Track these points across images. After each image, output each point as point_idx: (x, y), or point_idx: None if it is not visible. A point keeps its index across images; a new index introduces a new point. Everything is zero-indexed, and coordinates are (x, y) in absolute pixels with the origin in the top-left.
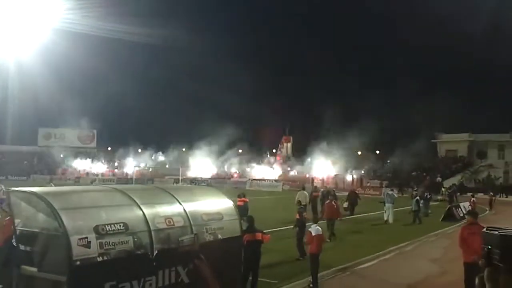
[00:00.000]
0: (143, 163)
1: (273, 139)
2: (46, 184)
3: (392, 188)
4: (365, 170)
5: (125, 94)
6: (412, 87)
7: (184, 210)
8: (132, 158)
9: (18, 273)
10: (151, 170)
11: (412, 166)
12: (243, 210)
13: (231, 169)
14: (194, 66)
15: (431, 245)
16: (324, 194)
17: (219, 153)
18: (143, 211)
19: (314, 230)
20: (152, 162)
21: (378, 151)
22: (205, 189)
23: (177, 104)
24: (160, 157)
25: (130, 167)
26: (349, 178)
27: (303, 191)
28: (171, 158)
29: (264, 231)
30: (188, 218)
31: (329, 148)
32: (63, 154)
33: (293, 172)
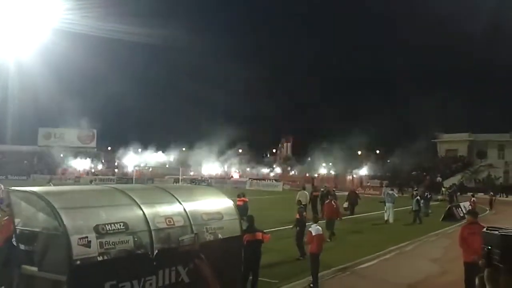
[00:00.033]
0: (143, 163)
1: (273, 139)
2: (46, 184)
3: (393, 188)
4: (365, 170)
5: (125, 94)
6: (412, 87)
7: (184, 210)
8: (132, 158)
9: (19, 273)
10: (151, 170)
11: (412, 166)
12: (243, 210)
13: (231, 169)
14: (194, 66)
15: (432, 245)
16: (324, 194)
17: (219, 153)
18: (143, 211)
19: (314, 230)
20: (152, 162)
21: (378, 151)
22: (205, 189)
23: (177, 104)
24: (160, 157)
25: (130, 167)
26: (349, 178)
27: (304, 191)
28: (171, 158)
29: (264, 231)
30: (188, 218)
31: (329, 148)
32: (63, 154)
33: (293, 172)
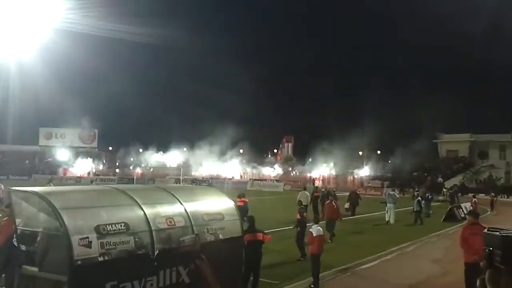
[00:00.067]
0: (144, 163)
1: (274, 139)
2: (46, 184)
3: (394, 189)
4: (366, 170)
5: (126, 94)
6: (413, 87)
7: (185, 210)
8: (133, 158)
9: (19, 273)
10: (152, 170)
11: (413, 167)
12: (243, 211)
13: (232, 169)
14: (195, 66)
15: (433, 246)
16: (324, 195)
17: (220, 153)
18: (144, 211)
19: (315, 231)
20: (153, 162)
21: (379, 152)
22: (206, 189)
23: (178, 104)
24: (161, 157)
25: (131, 167)
26: (350, 178)
27: (305, 191)
28: (172, 158)
29: (265, 231)
30: (189, 218)
31: (330, 148)
32: (64, 154)
33: (294, 172)
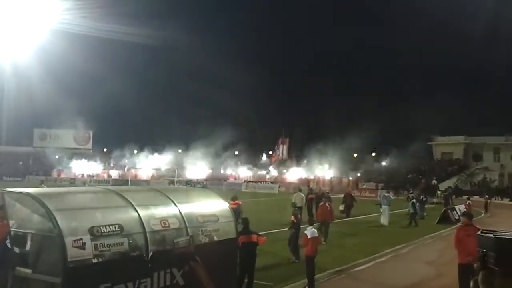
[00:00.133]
0: (139, 164)
1: (270, 141)
2: (38, 186)
3: (389, 190)
4: (361, 173)
5: (122, 95)
6: (408, 90)
7: (180, 212)
8: (128, 159)
9: (12, 275)
10: (147, 171)
11: (408, 169)
12: (236, 213)
13: (227, 171)
14: (193, 67)
15: (427, 248)
16: (319, 196)
17: (215, 155)
18: (139, 213)
19: (310, 233)
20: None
21: (374, 153)
22: (201, 191)
23: (174, 106)
24: (156, 158)
25: (126, 169)
26: (345, 180)
27: (300, 193)
28: (167, 160)
29: (260, 233)
30: (184, 220)
31: (326, 150)
32: (59, 155)
33: (289, 174)
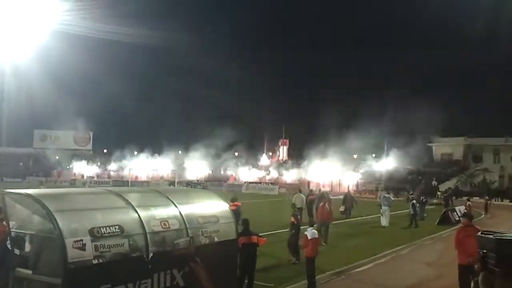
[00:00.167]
0: (139, 165)
1: (270, 142)
2: (38, 187)
3: (389, 192)
4: (361, 174)
5: (122, 96)
6: (408, 90)
7: (180, 213)
8: (128, 160)
9: (13, 276)
10: (147, 172)
11: (408, 170)
12: (236, 215)
13: (227, 172)
14: (193, 67)
15: (427, 249)
16: (318, 197)
17: (215, 156)
18: (139, 214)
19: (310, 234)
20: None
21: (374, 154)
22: (201, 192)
23: (174, 106)
24: (156, 159)
25: (126, 170)
26: (345, 182)
27: (300, 194)
28: (167, 160)
29: (260, 234)
30: (184, 221)
31: (326, 151)
32: (59, 156)
33: (289, 175)
